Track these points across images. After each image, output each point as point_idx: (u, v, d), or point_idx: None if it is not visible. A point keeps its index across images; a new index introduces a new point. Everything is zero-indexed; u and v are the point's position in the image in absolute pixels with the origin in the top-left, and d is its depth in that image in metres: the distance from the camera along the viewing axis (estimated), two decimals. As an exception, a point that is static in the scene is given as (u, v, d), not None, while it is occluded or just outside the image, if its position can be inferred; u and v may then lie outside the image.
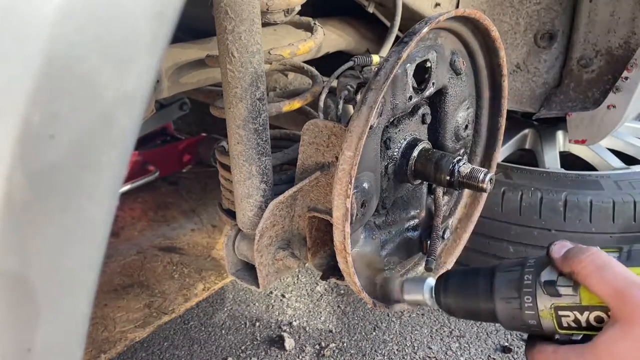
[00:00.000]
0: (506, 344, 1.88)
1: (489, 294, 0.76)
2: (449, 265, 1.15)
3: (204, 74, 1.24)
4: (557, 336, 0.74)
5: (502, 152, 2.08)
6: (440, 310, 0.84)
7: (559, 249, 0.73)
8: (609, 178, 1.90)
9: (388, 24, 1.50)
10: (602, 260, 0.68)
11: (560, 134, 2.28)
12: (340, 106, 0.99)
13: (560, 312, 0.71)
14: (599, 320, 0.70)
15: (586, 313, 0.70)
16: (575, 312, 0.70)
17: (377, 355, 1.84)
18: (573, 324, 0.71)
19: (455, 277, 0.83)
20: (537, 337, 0.75)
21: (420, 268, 1.10)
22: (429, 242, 1.02)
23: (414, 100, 0.92)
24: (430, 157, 0.96)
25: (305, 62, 1.24)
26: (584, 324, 0.70)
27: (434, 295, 0.85)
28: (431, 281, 0.86)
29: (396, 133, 0.95)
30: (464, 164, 0.93)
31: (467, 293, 0.79)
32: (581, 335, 0.72)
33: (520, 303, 0.73)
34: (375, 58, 1.03)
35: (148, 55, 0.50)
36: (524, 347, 1.87)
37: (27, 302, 0.49)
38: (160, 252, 2.28)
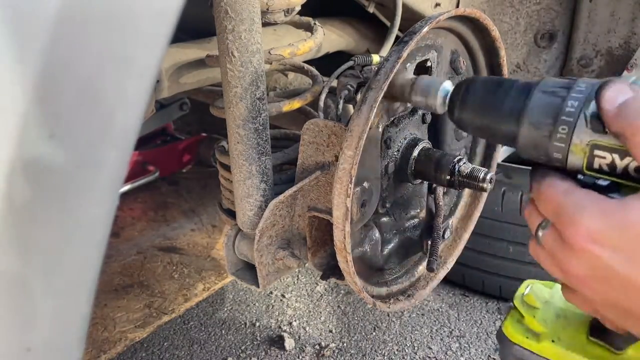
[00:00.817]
0: (506, 343, 1.88)
1: (516, 114, 0.64)
2: (449, 265, 1.15)
3: (204, 74, 1.24)
4: (580, 176, 0.63)
5: (502, 152, 2.08)
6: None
7: (613, 96, 0.57)
8: (609, 178, 1.90)
9: (388, 23, 1.50)
10: None
11: (560, 134, 2.28)
12: (340, 106, 0.99)
13: (597, 152, 0.59)
14: None
15: (627, 159, 0.58)
16: (615, 155, 0.58)
17: (377, 355, 1.84)
18: (606, 168, 0.59)
19: (481, 86, 0.70)
20: (543, 166, 0.64)
21: (421, 268, 1.10)
22: (429, 241, 1.02)
23: (414, 100, 0.92)
24: (431, 156, 0.96)
25: (305, 62, 1.24)
26: (619, 171, 0.59)
27: (448, 101, 0.75)
28: (448, 85, 0.76)
29: (396, 132, 0.95)
30: (464, 163, 0.93)
31: (491, 108, 0.68)
32: (608, 182, 0.61)
33: (551, 131, 0.61)
34: (375, 58, 1.03)
35: (148, 55, 0.50)
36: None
37: (27, 302, 0.49)
38: (160, 252, 2.28)
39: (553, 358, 0.86)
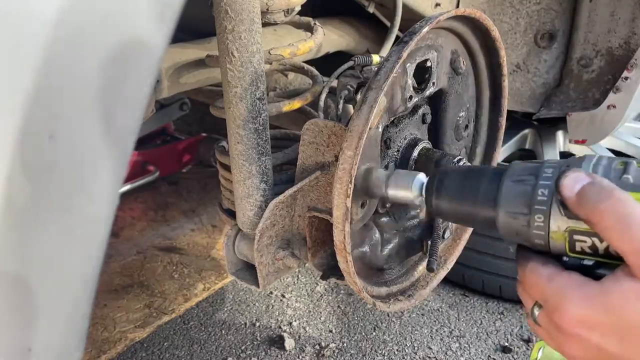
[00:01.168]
0: (506, 344, 1.88)
1: (492, 202, 0.65)
2: (449, 265, 1.15)
3: (204, 74, 1.24)
4: (565, 258, 0.64)
5: (502, 152, 2.08)
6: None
7: (571, 184, 0.59)
8: (609, 178, 1.90)
9: (388, 24, 1.50)
10: (627, 209, 0.55)
11: (560, 134, 2.28)
12: (341, 106, 0.99)
13: (576, 237, 0.60)
14: None
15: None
16: (594, 239, 0.60)
17: (377, 355, 1.84)
18: (588, 250, 0.61)
19: (454, 176, 0.73)
20: (525, 249, 0.65)
21: (421, 268, 1.10)
22: (429, 242, 1.02)
23: (414, 100, 0.92)
24: (431, 156, 0.96)
25: (305, 62, 1.24)
26: (601, 251, 0.60)
27: (424, 193, 0.76)
28: (422, 177, 0.79)
29: (396, 133, 0.95)
30: (464, 163, 0.93)
31: (466, 197, 0.69)
32: (593, 262, 0.62)
33: (529, 220, 0.62)
34: (376, 58, 1.03)
35: (148, 55, 0.50)
36: (524, 347, 1.87)
37: (27, 302, 0.49)
38: (160, 252, 2.28)
39: None
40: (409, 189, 0.79)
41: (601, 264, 0.61)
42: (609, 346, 0.57)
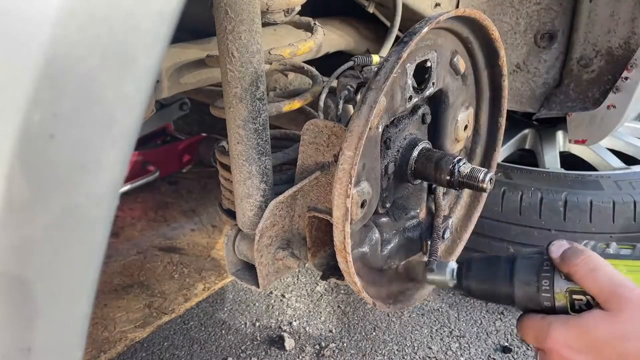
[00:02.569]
0: (506, 344, 1.88)
1: (508, 278, 0.84)
2: (449, 265, 1.15)
3: (204, 74, 1.24)
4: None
5: (502, 152, 2.08)
6: (460, 293, 0.92)
7: (556, 249, 0.81)
8: (609, 178, 1.90)
9: (388, 24, 1.50)
10: (594, 263, 0.76)
11: (560, 134, 2.28)
12: (340, 106, 0.99)
13: (575, 296, 0.78)
14: None
15: None
16: (588, 297, 0.77)
17: (377, 355, 1.84)
18: (584, 307, 0.78)
19: (478, 262, 0.90)
20: (530, 311, 0.84)
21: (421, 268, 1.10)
22: (429, 242, 1.02)
23: (414, 100, 0.92)
24: (430, 157, 0.96)
25: (305, 62, 1.24)
26: (594, 307, 0.77)
27: (456, 277, 0.92)
28: (453, 264, 0.94)
29: (396, 133, 0.95)
30: (464, 163, 0.93)
31: (488, 277, 0.87)
32: None
33: (537, 286, 0.81)
34: (375, 58, 1.03)
35: (148, 55, 0.50)
36: (524, 347, 1.87)
37: (27, 302, 0.49)
38: (160, 252, 2.28)
39: None
40: (444, 275, 0.93)
41: None
42: None
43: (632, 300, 0.71)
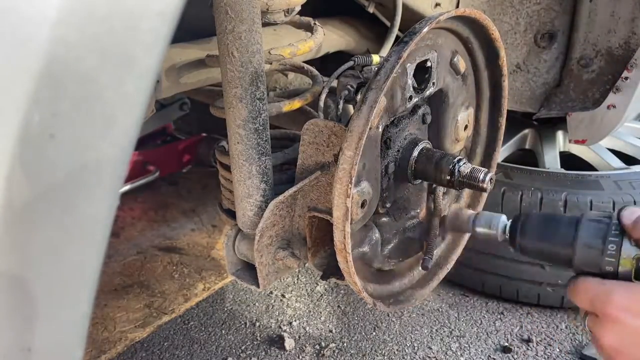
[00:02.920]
0: (506, 344, 1.88)
1: (570, 240, 0.81)
2: (449, 265, 1.15)
3: (204, 74, 1.24)
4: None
5: (502, 152, 2.08)
6: (512, 249, 0.90)
7: (629, 214, 0.77)
8: (609, 178, 1.90)
9: (388, 24, 1.50)
10: None
11: (560, 134, 2.28)
12: (341, 106, 0.99)
13: None
14: None
15: None
16: None
17: (377, 355, 1.84)
18: None
19: (535, 220, 0.88)
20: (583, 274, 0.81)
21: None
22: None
23: (414, 100, 0.92)
24: (431, 157, 0.96)
25: (305, 62, 1.24)
26: None
27: (508, 232, 0.90)
28: (505, 219, 0.92)
29: (396, 133, 0.95)
30: (464, 163, 0.93)
31: (547, 236, 0.85)
32: None
33: (602, 249, 0.78)
34: (376, 58, 1.03)
35: (148, 55, 0.50)
36: (524, 347, 1.87)
37: (27, 302, 0.49)
38: (160, 252, 2.28)
39: None
40: (495, 228, 0.92)
41: None
42: None
43: None
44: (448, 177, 0.93)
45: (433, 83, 0.94)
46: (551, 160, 2.14)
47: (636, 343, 0.71)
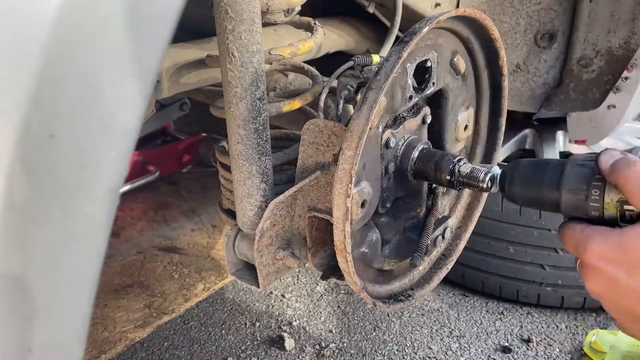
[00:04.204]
0: (506, 344, 1.88)
1: (556, 185, 0.80)
2: (449, 265, 1.15)
3: (204, 74, 1.24)
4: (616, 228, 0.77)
5: (502, 152, 2.08)
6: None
7: (607, 158, 0.74)
8: (609, 178, 1.90)
9: (388, 24, 1.50)
10: None
11: (560, 134, 2.28)
12: (341, 106, 0.99)
13: (626, 207, 0.74)
14: None
15: None
16: None
17: (377, 355, 1.84)
18: (636, 217, 0.74)
19: (523, 167, 0.86)
20: (572, 219, 0.80)
21: (421, 268, 1.10)
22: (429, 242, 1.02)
23: (414, 100, 0.92)
24: (431, 156, 0.96)
25: (305, 62, 1.24)
26: None
27: (498, 182, 0.89)
28: (496, 169, 0.91)
29: (396, 133, 0.95)
30: (464, 163, 0.93)
31: (534, 182, 0.83)
32: None
33: (586, 195, 0.76)
34: (376, 58, 1.03)
35: (148, 55, 0.50)
36: (524, 347, 1.87)
37: (27, 302, 0.49)
38: (160, 252, 2.28)
39: None
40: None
41: None
42: (619, 277, 0.69)
43: None
44: (448, 177, 0.93)
45: (433, 83, 0.94)
46: (551, 161, 2.14)
47: (612, 288, 0.71)
